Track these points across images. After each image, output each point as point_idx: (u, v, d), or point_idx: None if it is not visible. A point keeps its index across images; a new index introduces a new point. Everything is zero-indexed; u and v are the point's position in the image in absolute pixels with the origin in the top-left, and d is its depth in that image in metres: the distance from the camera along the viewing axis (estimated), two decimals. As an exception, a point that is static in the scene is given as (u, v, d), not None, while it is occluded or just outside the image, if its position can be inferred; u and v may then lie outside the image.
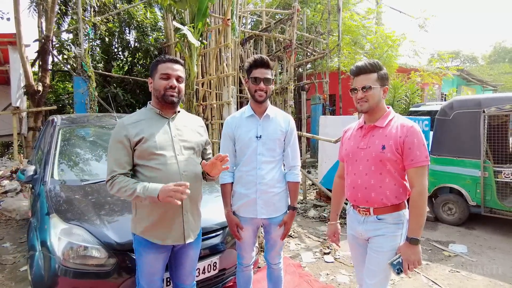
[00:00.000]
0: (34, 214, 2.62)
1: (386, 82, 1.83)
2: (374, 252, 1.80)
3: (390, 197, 1.76)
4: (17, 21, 6.77)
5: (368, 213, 1.82)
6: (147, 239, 1.80)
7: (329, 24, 9.61)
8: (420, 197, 1.68)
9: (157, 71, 1.83)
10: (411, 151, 1.69)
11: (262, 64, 2.08)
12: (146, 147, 1.76)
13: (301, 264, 3.48)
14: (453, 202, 4.75)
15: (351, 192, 1.89)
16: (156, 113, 1.88)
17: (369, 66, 1.79)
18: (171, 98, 1.82)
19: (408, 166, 1.71)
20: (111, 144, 1.78)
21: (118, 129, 1.80)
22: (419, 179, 1.69)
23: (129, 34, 11.54)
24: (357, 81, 1.81)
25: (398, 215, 1.78)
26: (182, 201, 1.75)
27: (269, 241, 2.29)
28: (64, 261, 2.04)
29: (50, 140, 3.19)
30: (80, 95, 6.32)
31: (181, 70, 1.88)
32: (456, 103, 4.74)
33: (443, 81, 12.28)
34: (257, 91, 2.09)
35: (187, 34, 6.00)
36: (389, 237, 1.76)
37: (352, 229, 1.96)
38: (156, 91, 1.84)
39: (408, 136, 1.70)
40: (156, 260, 1.85)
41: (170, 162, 1.80)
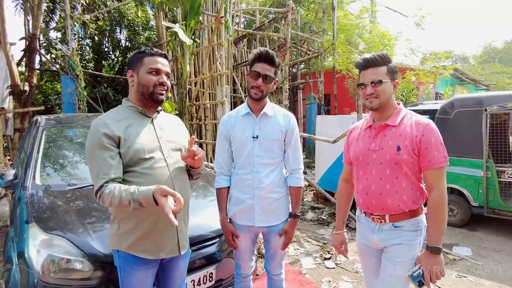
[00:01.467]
0: (12, 223, 2.40)
1: (396, 76, 1.67)
2: (390, 262, 1.64)
3: (407, 203, 1.61)
4: (1, 18, 6.48)
5: (384, 220, 1.67)
6: (135, 255, 1.58)
7: (323, 23, 9.50)
8: (441, 201, 1.53)
9: (144, 64, 1.62)
10: (428, 151, 1.54)
11: (266, 59, 1.88)
12: (132, 151, 1.54)
13: (301, 270, 3.31)
14: (454, 203, 4.64)
15: (363, 199, 1.73)
16: (138, 112, 1.66)
17: (378, 59, 1.62)
18: (161, 96, 1.63)
19: (426, 167, 1.56)
20: (91, 149, 1.50)
21: (96, 129, 1.52)
22: (439, 181, 1.55)
23: (120, 33, 11.29)
24: (365, 75, 1.65)
25: (416, 221, 1.64)
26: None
27: (269, 251, 2.11)
28: (44, 276, 1.84)
29: (33, 141, 2.97)
30: (68, 95, 6.07)
31: (168, 66, 1.70)
32: (457, 101, 4.63)
33: (438, 81, 12.27)
34: (253, 87, 1.89)
35: (179, 32, 5.80)
36: (408, 245, 1.61)
37: (365, 238, 1.79)
38: (142, 87, 1.61)
39: (424, 134, 1.55)
40: (146, 277, 1.64)
41: (160, 166, 1.60)
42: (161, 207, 1.33)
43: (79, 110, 6.17)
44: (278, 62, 1.94)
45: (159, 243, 1.61)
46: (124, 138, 1.54)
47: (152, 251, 1.60)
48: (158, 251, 1.61)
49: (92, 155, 1.50)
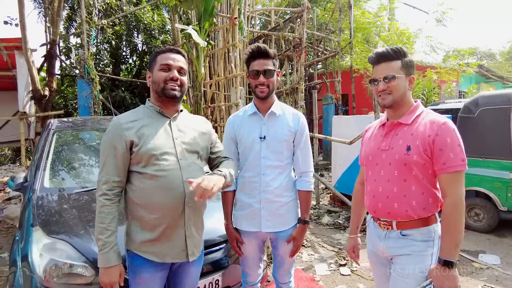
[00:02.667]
0: (20, 226, 2.40)
1: (412, 71, 1.54)
2: (398, 275, 1.51)
3: (416, 209, 1.48)
4: (23, 26, 6.68)
5: (390, 227, 1.54)
6: (143, 256, 1.56)
7: (340, 22, 9.31)
8: (455, 210, 1.38)
9: (156, 63, 1.60)
10: (442, 153, 1.40)
11: (260, 54, 1.80)
12: (144, 151, 1.51)
13: (314, 277, 3.17)
14: (480, 207, 4.36)
15: (370, 202, 1.62)
16: (156, 112, 1.63)
17: (392, 52, 1.50)
18: (173, 91, 1.57)
19: (440, 171, 1.42)
20: (104, 148, 1.54)
21: (112, 129, 1.55)
22: (454, 187, 1.39)
23: (137, 37, 11.48)
24: (378, 70, 1.54)
25: (427, 230, 1.49)
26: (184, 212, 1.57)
27: (277, 258, 2.00)
28: (46, 281, 1.81)
29: (44, 144, 2.99)
30: (83, 98, 6.18)
31: (183, 61, 1.63)
32: (481, 99, 4.36)
33: (461, 78, 11.78)
34: (257, 86, 1.81)
35: (192, 34, 5.79)
36: (416, 257, 1.47)
37: (373, 245, 1.68)
38: (155, 84, 1.59)
39: (439, 134, 1.41)
40: (153, 280, 1.60)
41: (172, 168, 1.55)
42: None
43: (94, 113, 6.27)
44: (273, 53, 1.84)
45: (164, 248, 1.58)
46: (137, 140, 1.53)
47: (158, 254, 1.57)
48: (163, 255, 1.58)
49: (104, 153, 1.54)
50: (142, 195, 1.53)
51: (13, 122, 9.32)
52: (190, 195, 1.55)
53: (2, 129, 9.68)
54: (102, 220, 1.48)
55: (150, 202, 1.52)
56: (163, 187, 1.52)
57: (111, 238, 1.48)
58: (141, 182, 1.53)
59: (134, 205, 1.56)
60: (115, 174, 1.51)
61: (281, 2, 14.07)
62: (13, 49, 7.28)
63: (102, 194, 1.50)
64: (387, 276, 1.63)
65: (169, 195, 1.53)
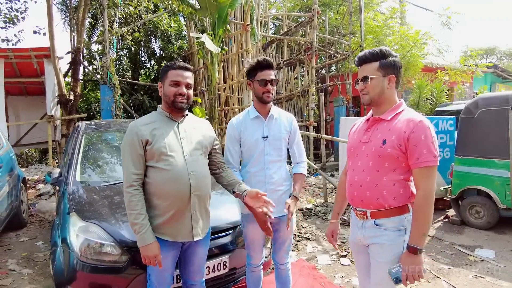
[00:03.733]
0: (57, 213, 2.79)
1: (392, 71, 1.64)
2: (375, 262, 1.67)
3: (387, 198, 1.60)
4: (51, 35, 7.23)
5: (365, 216, 1.68)
6: (158, 237, 1.87)
7: (351, 25, 9.51)
8: (425, 202, 1.50)
9: (167, 77, 1.92)
10: (416, 149, 1.51)
11: (267, 66, 2.13)
12: (156, 148, 1.84)
13: (316, 266, 3.45)
14: (481, 205, 4.52)
15: (348, 191, 1.78)
16: (166, 116, 1.97)
17: (369, 55, 1.65)
18: (180, 104, 1.91)
19: (413, 165, 1.54)
20: (125, 146, 1.86)
21: (130, 131, 1.88)
22: (425, 181, 1.51)
23: (155, 43, 12.00)
24: (359, 72, 1.71)
25: (399, 220, 1.61)
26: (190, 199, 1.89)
27: (278, 240, 2.29)
28: (82, 257, 2.17)
29: (74, 144, 3.39)
30: (106, 103, 6.65)
31: (190, 77, 1.96)
32: (481, 101, 4.52)
33: (475, 79, 11.71)
34: (265, 93, 2.13)
35: (206, 42, 6.14)
36: (388, 246, 1.61)
37: (353, 235, 1.84)
38: (166, 97, 1.93)
39: (414, 131, 1.52)
40: (167, 257, 1.91)
41: (179, 163, 1.88)
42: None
43: (116, 116, 6.72)
44: (274, 65, 2.21)
45: (175, 229, 1.90)
46: (151, 139, 1.86)
47: (170, 235, 1.90)
48: (175, 236, 1.91)
49: (126, 150, 1.85)
50: (156, 185, 1.85)
51: (40, 125, 9.95)
52: (195, 185, 1.90)
53: (31, 132, 10.34)
54: (134, 207, 1.78)
55: (162, 191, 1.85)
56: (172, 178, 1.85)
57: (145, 221, 1.79)
58: (155, 174, 1.85)
59: (150, 195, 1.88)
60: (136, 167, 1.83)
61: (294, 6, 14.33)
62: (43, 57, 7.85)
63: (129, 186, 1.81)
64: (366, 262, 1.77)
65: (177, 185, 1.86)
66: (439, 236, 4.35)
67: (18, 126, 10.18)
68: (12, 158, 4.54)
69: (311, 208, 5.52)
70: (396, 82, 1.66)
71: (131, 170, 1.82)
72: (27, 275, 3.34)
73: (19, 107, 10.46)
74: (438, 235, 4.39)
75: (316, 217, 5.18)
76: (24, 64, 8.29)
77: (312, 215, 5.25)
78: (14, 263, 3.58)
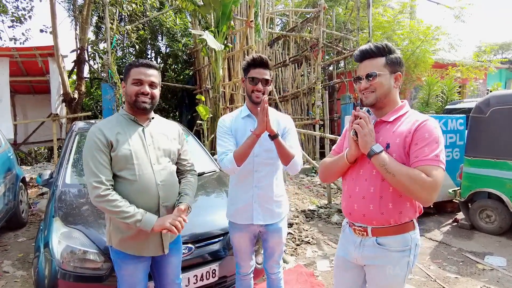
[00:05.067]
0: (45, 217, 2.72)
1: (399, 68, 1.49)
2: (374, 286, 1.54)
3: (392, 213, 1.44)
4: (55, 35, 7.22)
5: (366, 233, 1.50)
6: (122, 251, 1.74)
7: (358, 21, 9.26)
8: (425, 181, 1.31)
9: (130, 76, 1.76)
10: (417, 147, 1.36)
11: (261, 64, 1.97)
12: (121, 155, 1.68)
13: (314, 272, 3.31)
14: (492, 208, 4.29)
15: (346, 203, 1.58)
16: (130, 119, 1.80)
17: (375, 49, 1.47)
18: (143, 104, 1.74)
19: (413, 165, 1.36)
20: (90, 151, 1.66)
21: (93, 134, 1.69)
22: (434, 172, 1.32)
23: (161, 41, 11.95)
24: (361, 68, 1.50)
25: (403, 239, 1.46)
26: (159, 211, 1.75)
27: (267, 250, 2.18)
28: (63, 264, 2.09)
29: (67, 144, 3.32)
30: (107, 101, 6.62)
31: (154, 75, 1.78)
32: (493, 99, 4.28)
33: (489, 76, 11.31)
34: (254, 91, 1.97)
35: (207, 39, 6.03)
36: (391, 270, 1.46)
37: (344, 251, 1.64)
38: (127, 96, 1.77)
39: (417, 130, 1.38)
40: (136, 271, 1.79)
41: (146, 172, 1.73)
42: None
43: (117, 115, 6.68)
44: (271, 65, 2.02)
45: (141, 244, 1.75)
46: (115, 144, 1.70)
47: (136, 250, 1.75)
48: (140, 250, 1.75)
49: (90, 155, 1.66)
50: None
51: (47, 123, 10.01)
52: (163, 196, 1.75)
53: (38, 130, 10.43)
54: (119, 204, 1.60)
55: None
56: (139, 190, 1.69)
57: (137, 209, 1.63)
58: (119, 185, 1.68)
59: None
60: (105, 173, 1.64)
61: (301, 2, 14.09)
62: (47, 56, 7.86)
63: (104, 189, 1.61)
64: (353, 283, 1.63)
65: (145, 197, 1.70)
66: (446, 241, 4.15)
67: (26, 124, 10.27)
68: (11, 158, 4.52)
69: (314, 210, 5.37)
70: (400, 82, 1.52)
71: (103, 176, 1.63)
72: (21, 277, 3.31)
73: (26, 106, 10.56)
74: (446, 240, 4.19)
75: (319, 219, 5.03)
76: (30, 63, 8.31)
77: (315, 217, 5.10)
78: (9, 265, 3.54)
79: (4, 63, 7.44)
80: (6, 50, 7.63)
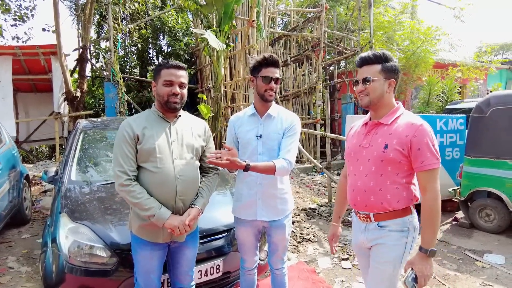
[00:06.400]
0: (51, 213, 2.77)
1: (393, 75, 1.66)
2: (375, 263, 1.68)
3: (391, 202, 1.62)
4: (58, 33, 7.27)
5: (369, 219, 1.69)
6: (139, 237, 1.85)
7: (359, 21, 9.30)
8: (435, 203, 1.53)
9: (160, 77, 1.85)
10: (420, 152, 1.53)
11: (273, 63, 2.02)
12: (145, 149, 1.80)
13: (315, 269, 3.35)
14: (491, 207, 4.34)
15: (350, 195, 1.77)
16: (159, 116, 1.92)
17: (372, 57, 1.65)
18: (174, 104, 1.86)
19: (418, 169, 1.56)
20: (118, 143, 1.82)
21: (123, 128, 1.84)
22: (431, 183, 1.54)
23: (163, 40, 11.99)
24: (360, 73, 1.68)
25: (402, 221, 1.63)
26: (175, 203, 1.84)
27: (271, 245, 2.21)
28: (71, 259, 2.13)
29: (72, 142, 3.36)
30: (110, 100, 6.66)
31: (184, 76, 1.89)
32: (493, 99, 4.32)
33: (489, 76, 11.34)
34: (267, 90, 2.02)
35: (209, 39, 6.06)
36: (391, 246, 1.62)
37: (355, 238, 1.84)
38: (159, 97, 1.87)
39: (416, 135, 1.54)
40: (152, 257, 1.88)
41: (167, 166, 1.82)
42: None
43: (120, 113, 6.73)
44: (280, 64, 2.08)
45: (157, 232, 1.85)
46: (141, 137, 1.82)
47: (152, 237, 1.86)
48: (156, 237, 1.86)
49: (119, 147, 1.81)
50: (142, 186, 1.79)
51: (49, 121, 10.06)
52: (181, 190, 1.84)
53: (40, 128, 10.47)
54: (138, 196, 1.73)
55: (148, 192, 1.79)
56: (158, 182, 1.80)
57: (155, 203, 1.76)
58: (142, 175, 1.81)
59: None
60: (130, 163, 1.78)
61: (302, 2, 14.12)
62: (49, 54, 7.91)
63: (126, 179, 1.74)
64: (369, 265, 1.78)
65: (163, 189, 1.81)
66: (446, 239, 4.19)
67: (28, 123, 10.32)
68: (15, 156, 4.56)
69: (315, 208, 5.41)
70: (394, 87, 1.68)
71: (126, 167, 1.76)
72: (25, 273, 3.35)
73: (28, 104, 10.61)
74: (446, 238, 4.23)
75: (320, 217, 5.07)
76: (32, 61, 8.37)
77: (316, 215, 5.15)
78: (14, 261, 3.59)
79: (7, 62, 7.50)
80: (9, 49, 7.69)
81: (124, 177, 1.74)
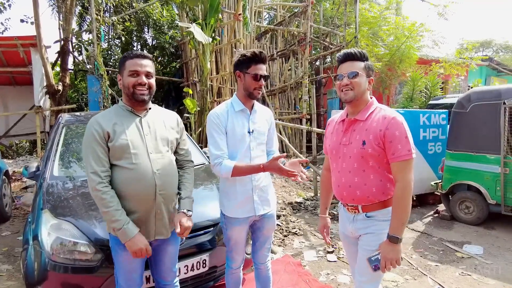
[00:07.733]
0: (32, 209, 2.69)
1: (372, 74, 1.74)
2: (363, 250, 1.74)
3: (376, 194, 1.69)
4: (37, 25, 7.02)
5: (357, 210, 1.76)
6: None
7: (345, 16, 9.36)
8: (403, 193, 1.59)
9: (125, 68, 1.78)
10: (392, 145, 1.60)
11: (262, 60, 1.97)
12: (118, 145, 1.73)
13: (301, 262, 3.40)
14: (471, 200, 4.48)
15: (336, 191, 1.84)
16: (128, 111, 1.84)
17: (358, 54, 1.70)
18: (142, 96, 1.78)
19: (391, 160, 1.63)
20: (87, 143, 1.73)
21: (91, 126, 1.75)
22: (402, 173, 1.60)
23: (147, 33, 11.76)
24: (343, 67, 1.71)
25: (387, 211, 1.70)
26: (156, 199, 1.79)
27: (259, 239, 2.19)
28: (53, 256, 2.09)
29: (54, 137, 3.28)
30: (93, 94, 6.50)
31: (149, 65, 1.82)
32: (473, 95, 4.45)
33: (470, 72, 11.63)
34: (256, 88, 1.98)
35: (194, 32, 5.98)
36: (378, 234, 1.69)
37: (343, 227, 1.91)
38: (126, 89, 1.79)
39: (388, 128, 1.60)
40: (132, 258, 1.80)
41: (143, 161, 1.77)
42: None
43: (103, 107, 6.58)
44: (267, 60, 2.07)
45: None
46: (112, 134, 1.74)
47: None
48: None
49: (88, 147, 1.72)
50: (119, 185, 1.73)
51: (30, 116, 9.76)
52: (160, 185, 1.78)
53: (20, 122, 10.16)
54: (108, 204, 1.66)
55: (125, 191, 1.73)
56: (136, 178, 1.73)
57: (123, 216, 1.68)
58: (117, 174, 1.74)
59: None
60: (102, 164, 1.70)
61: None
62: (29, 46, 7.64)
63: (98, 182, 1.66)
64: (356, 253, 1.83)
65: (141, 185, 1.74)
66: (428, 231, 4.31)
67: (7, 117, 9.99)
68: (-7, 151, 4.41)
69: (301, 202, 5.47)
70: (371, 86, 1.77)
71: (98, 168, 1.69)
72: (6, 271, 3.27)
73: (7, 97, 10.25)
74: (427, 230, 4.35)
75: (306, 211, 5.13)
76: (10, 53, 8.07)
77: (302, 209, 5.20)
78: (-6, 259, 3.49)
79: (-17, 53, 7.21)
80: (-15, 40, 7.39)
81: (97, 180, 1.67)
